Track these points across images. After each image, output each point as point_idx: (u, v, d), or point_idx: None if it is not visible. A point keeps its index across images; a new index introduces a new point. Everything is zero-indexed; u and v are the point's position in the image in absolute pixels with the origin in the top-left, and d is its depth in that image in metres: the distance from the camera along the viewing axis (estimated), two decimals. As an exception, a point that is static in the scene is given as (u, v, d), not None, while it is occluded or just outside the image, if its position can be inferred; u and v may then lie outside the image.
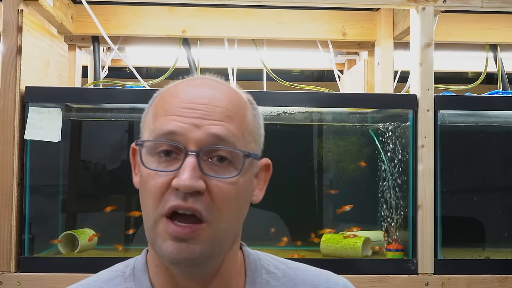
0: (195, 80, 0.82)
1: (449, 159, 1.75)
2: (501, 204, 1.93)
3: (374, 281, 1.62)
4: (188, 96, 0.77)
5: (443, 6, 1.72)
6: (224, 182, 0.74)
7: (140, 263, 0.83)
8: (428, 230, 1.65)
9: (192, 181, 0.71)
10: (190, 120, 0.74)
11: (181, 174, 0.72)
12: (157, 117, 0.77)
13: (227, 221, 0.75)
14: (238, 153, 0.75)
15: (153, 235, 0.75)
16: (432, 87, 1.69)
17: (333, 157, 1.92)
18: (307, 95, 1.76)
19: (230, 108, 0.77)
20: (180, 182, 0.71)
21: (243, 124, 0.78)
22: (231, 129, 0.75)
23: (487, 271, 1.67)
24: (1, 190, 1.57)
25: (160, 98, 0.80)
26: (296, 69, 3.05)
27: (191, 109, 0.75)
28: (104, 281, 0.83)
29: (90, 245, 1.77)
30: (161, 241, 0.73)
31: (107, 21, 1.99)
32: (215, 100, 0.76)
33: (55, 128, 1.63)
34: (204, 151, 0.74)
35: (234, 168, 0.75)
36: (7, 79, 1.58)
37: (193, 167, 0.72)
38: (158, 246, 0.74)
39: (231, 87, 0.82)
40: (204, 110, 0.75)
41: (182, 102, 0.76)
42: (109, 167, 1.94)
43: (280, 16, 2.05)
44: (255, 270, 0.84)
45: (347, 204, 1.83)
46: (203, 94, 0.77)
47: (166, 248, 0.73)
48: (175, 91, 0.79)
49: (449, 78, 2.93)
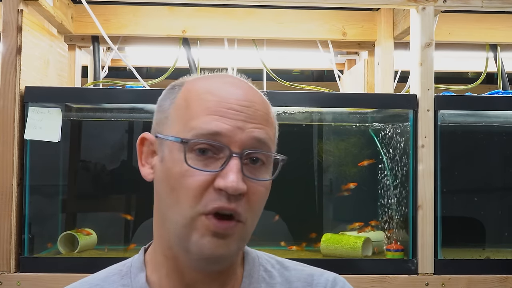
0: (227, 78, 0.82)
1: (449, 159, 1.75)
2: (501, 204, 1.93)
3: (374, 281, 1.62)
4: (227, 95, 0.77)
5: (443, 6, 1.72)
6: (260, 184, 0.76)
7: (138, 261, 0.84)
8: (428, 230, 1.65)
9: (240, 183, 0.73)
10: (234, 122, 0.75)
11: (228, 175, 0.73)
12: (196, 115, 0.76)
13: (254, 221, 0.78)
14: (273, 157, 0.78)
15: (187, 231, 0.74)
16: (432, 87, 1.69)
17: (333, 157, 1.92)
18: (307, 95, 1.76)
19: (266, 111, 0.79)
20: (227, 184, 0.72)
21: (274, 127, 0.81)
22: (269, 133, 0.78)
23: (487, 271, 1.66)
24: (1, 190, 1.57)
25: (193, 93, 0.79)
26: (296, 69, 3.05)
27: (234, 111, 0.75)
28: (101, 278, 0.84)
29: (89, 245, 1.77)
30: (198, 237, 0.74)
31: (107, 21, 1.99)
32: (255, 103, 0.78)
33: (55, 128, 1.62)
34: (247, 154, 0.75)
35: (266, 169, 0.78)
36: (7, 79, 1.58)
37: (238, 169, 0.73)
38: (193, 241, 0.74)
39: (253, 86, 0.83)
40: (246, 113, 0.76)
41: (224, 102, 0.76)
42: (109, 167, 1.94)
43: (280, 16, 2.05)
44: (253, 265, 0.85)
45: (347, 206, 1.83)
46: (242, 95, 0.78)
47: (204, 244, 0.73)
48: (210, 89, 0.78)
49: (449, 78, 2.93)
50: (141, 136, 0.83)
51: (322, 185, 1.97)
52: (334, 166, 1.95)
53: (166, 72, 2.01)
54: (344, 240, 1.73)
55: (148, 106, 1.74)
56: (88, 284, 0.84)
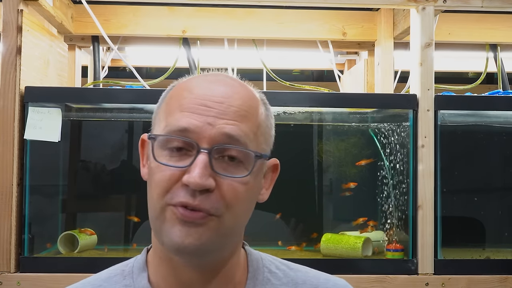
0: (210, 76, 0.82)
1: (449, 159, 1.75)
2: (501, 204, 1.93)
3: (374, 281, 1.62)
4: (202, 92, 0.77)
5: (443, 6, 1.72)
6: (234, 181, 0.74)
7: (140, 261, 0.84)
8: (428, 230, 1.65)
9: (202, 179, 0.72)
10: (204, 118, 0.74)
11: (192, 171, 0.72)
12: (171, 112, 0.77)
13: (235, 218, 0.76)
14: (250, 154, 0.75)
15: (159, 223, 0.74)
16: (432, 87, 1.68)
17: (333, 157, 1.92)
18: (307, 95, 1.75)
19: (244, 107, 0.77)
20: (190, 179, 0.72)
21: (256, 124, 0.78)
22: (244, 129, 0.75)
23: (487, 271, 1.66)
24: (1, 190, 1.57)
25: (175, 91, 0.80)
26: (296, 69, 3.05)
27: (205, 107, 0.75)
28: (103, 279, 0.84)
29: (89, 245, 1.77)
30: (169, 226, 0.73)
31: (107, 21, 1.99)
32: (229, 98, 0.76)
33: (55, 128, 1.62)
34: (216, 150, 0.74)
35: (245, 167, 0.75)
36: (7, 79, 1.58)
37: (204, 164, 0.72)
38: (165, 232, 0.74)
39: (245, 85, 0.82)
40: (218, 108, 0.75)
41: (196, 98, 0.76)
42: (109, 167, 1.94)
43: (280, 16, 2.05)
44: (257, 267, 0.84)
45: (347, 206, 1.82)
46: (218, 91, 0.77)
47: (174, 232, 0.73)
48: (189, 86, 0.79)
49: (449, 78, 2.93)
50: (141, 138, 0.83)
51: (322, 185, 1.97)
52: (334, 166, 1.95)
53: (166, 72, 2.01)
54: (344, 240, 1.73)
55: (148, 106, 1.74)
56: (91, 284, 0.84)
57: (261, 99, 0.83)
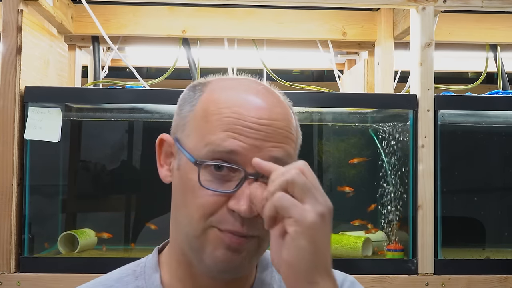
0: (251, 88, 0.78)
1: (449, 159, 1.75)
2: (501, 204, 1.93)
3: (374, 281, 1.62)
4: (248, 112, 0.73)
5: (443, 6, 1.72)
6: None
7: (152, 261, 0.83)
8: (428, 230, 1.65)
9: (251, 210, 0.71)
10: (252, 141, 0.72)
11: (241, 199, 0.71)
12: (214, 130, 0.73)
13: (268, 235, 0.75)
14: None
15: (200, 242, 0.73)
16: (432, 87, 1.68)
17: (332, 158, 1.92)
18: (307, 95, 1.75)
19: (287, 128, 0.76)
20: (240, 207, 0.71)
21: (297, 141, 0.79)
22: (289, 151, 0.75)
23: (487, 271, 1.66)
24: (1, 190, 1.57)
25: (214, 105, 0.75)
26: (296, 69, 3.05)
27: (252, 129, 0.72)
28: (115, 279, 0.83)
29: (89, 245, 1.77)
30: (212, 249, 0.73)
31: (107, 21, 1.99)
32: (275, 120, 0.74)
33: (55, 128, 1.62)
34: (262, 175, 0.72)
35: None
36: (7, 79, 1.58)
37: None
38: (208, 254, 0.73)
39: (279, 97, 0.80)
40: (265, 131, 0.73)
41: (243, 119, 0.73)
42: (109, 167, 1.94)
43: (280, 16, 2.05)
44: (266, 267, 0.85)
45: (347, 206, 1.82)
46: (264, 112, 0.74)
47: (218, 257, 0.72)
48: (232, 102, 0.75)
49: (449, 78, 2.93)
50: (159, 138, 0.81)
51: (322, 185, 1.96)
52: (334, 166, 1.95)
53: (166, 72, 2.01)
54: (344, 240, 1.73)
55: (148, 106, 1.74)
56: (102, 285, 0.83)
57: (290, 107, 0.81)
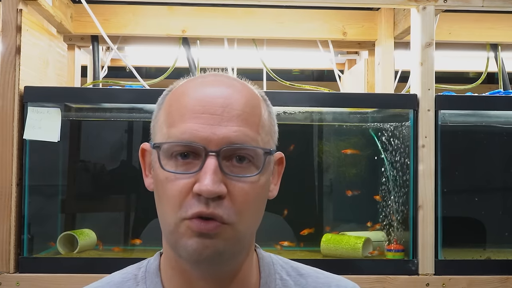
0: (208, 77, 0.80)
1: (450, 159, 1.75)
2: (502, 204, 1.93)
3: (375, 281, 1.62)
4: (203, 97, 0.75)
5: (443, 5, 1.72)
6: (245, 182, 0.73)
7: (153, 265, 0.83)
8: (428, 231, 1.65)
9: (214, 186, 0.70)
10: (208, 127, 0.72)
11: (203, 178, 0.70)
12: (173, 121, 0.75)
13: (246, 223, 0.75)
14: (258, 151, 0.74)
15: (175, 237, 0.73)
16: (432, 87, 1.68)
17: (332, 157, 1.92)
18: (307, 95, 1.75)
19: (247, 110, 0.75)
20: (202, 187, 0.70)
21: (259, 125, 0.77)
22: (248, 133, 0.74)
23: (488, 271, 1.66)
24: (0, 190, 1.56)
25: (173, 97, 0.78)
26: (296, 68, 3.05)
27: (208, 114, 0.73)
28: (116, 283, 0.83)
29: (89, 246, 1.76)
30: (185, 239, 0.72)
31: (107, 20, 1.98)
32: (231, 102, 0.74)
33: (54, 128, 1.62)
34: (224, 151, 0.72)
35: (255, 167, 0.74)
36: (6, 79, 1.57)
37: (214, 169, 0.71)
38: (182, 246, 0.73)
39: (245, 84, 0.80)
40: (221, 114, 0.73)
41: (197, 105, 0.74)
42: (108, 167, 1.94)
43: (280, 16, 2.05)
44: (268, 274, 0.84)
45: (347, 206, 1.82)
46: (219, 94, 0.75)
47: (192, 245, 0.72)
48: (188, 91, 0.77)
49: (450, 77, 2.92)
50: (141, 148, 0.82)
51: (322, 185, 1.96)
52: (334, 166, 1.94)
53: (166, 72, 2.01)
54: (344, 241, 1.73)
55: (148, 106, 1.73)
56: None
57: (262, 97, 0.81)
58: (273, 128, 0.81)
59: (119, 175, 1.91)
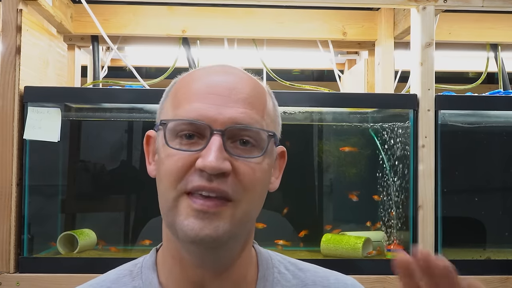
0: (215, 67, 0.81)
1: (450, 159, 1.75)
2: (502, 204, 1.93)
3: (375, 281, 1.62)
4: (210, 81, 0.76)
5: (443, 5, 1.72)
6: (249, 163, 0.73)
7: (149, 261, 0.82)
8: (428, 230, 1.64)
9: (218, 162, 0.69)
10: (214, 107, 0.73)
11: (207, 154, 0.70)
12: (179, 103, 0.75)
13: (251, 202, 0.74)
14: (262, 135, 0.74)
15: (172, 215, 0.72)
16: (432, 87, 1.68)
17: (333, 157, 1.92)
18: (307, 95, 1.75)
19: (253, 94, 0.76)
20: (206, 163, 0.69)
21: (264, 111, 0.77)
22: (253, 116, 0.74)
23: (488, 271, 1.66)
24: (0, 190, 1.56)
25: (181, 84, 0.79)
26: (296, 68, 3.05)
27: (215, 94, 0.73)
28: (112, 280, 0.83)
29: (89, 246, 1.76)
30: (182, 218, 0.71)
31: (107, 20, 1.98)
32: (238, 86, 0.75)
33: (54, 128, 1.62)
34: (229, 131, 0.72)
35: (258, 150, 0.74)
36: (6, 79, 1.57)
37: (218, 147, 0.70)
38: (179, 225, 0.71)
39: (251, 76, 0.82)
40: (227, 96, 0.74)
41: (205, 87, 0.75)
42: (108, 167, 1.94)
43: (280, 16, 2.05)
44: (266, 267, 0.83)
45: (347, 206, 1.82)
46: (226, 80, 0.76)
47: (188, 225, 0.70)
48: (196, 76, 0.78)
49: (450, 77, 2.92)
50: (146, 135, 0.81)
51: (322, 186, 1.96)
52: (333, 166, 1.94)
53: (166, 72, 2.01)
54: (344, 241, 1.73)
55: (148, 106, 1.73)
56: (100, 286, 0.82)
57: (267, 90, 0.83)
58: (277, 120, 0.83)
59: (119, 175, 1.91)
